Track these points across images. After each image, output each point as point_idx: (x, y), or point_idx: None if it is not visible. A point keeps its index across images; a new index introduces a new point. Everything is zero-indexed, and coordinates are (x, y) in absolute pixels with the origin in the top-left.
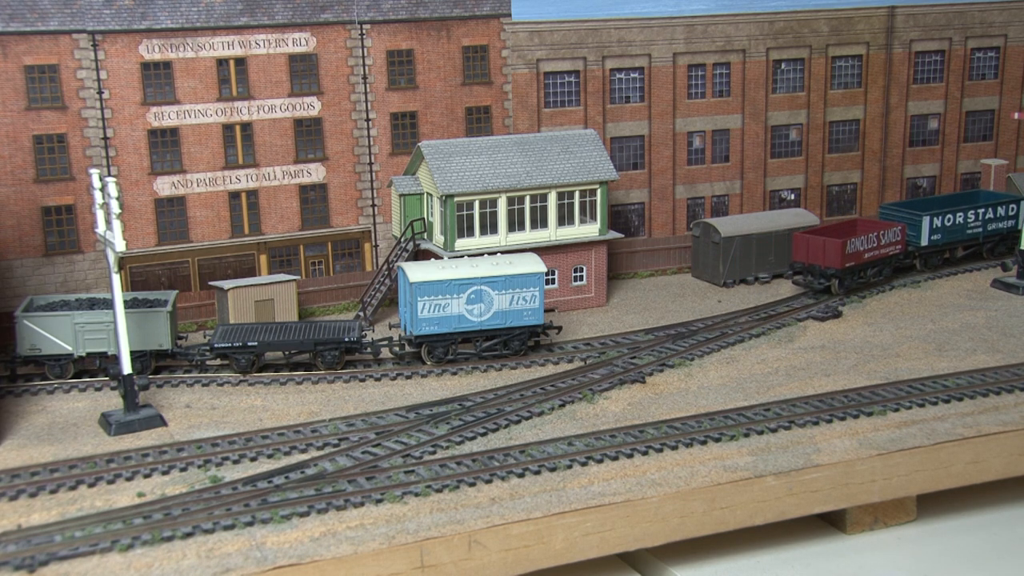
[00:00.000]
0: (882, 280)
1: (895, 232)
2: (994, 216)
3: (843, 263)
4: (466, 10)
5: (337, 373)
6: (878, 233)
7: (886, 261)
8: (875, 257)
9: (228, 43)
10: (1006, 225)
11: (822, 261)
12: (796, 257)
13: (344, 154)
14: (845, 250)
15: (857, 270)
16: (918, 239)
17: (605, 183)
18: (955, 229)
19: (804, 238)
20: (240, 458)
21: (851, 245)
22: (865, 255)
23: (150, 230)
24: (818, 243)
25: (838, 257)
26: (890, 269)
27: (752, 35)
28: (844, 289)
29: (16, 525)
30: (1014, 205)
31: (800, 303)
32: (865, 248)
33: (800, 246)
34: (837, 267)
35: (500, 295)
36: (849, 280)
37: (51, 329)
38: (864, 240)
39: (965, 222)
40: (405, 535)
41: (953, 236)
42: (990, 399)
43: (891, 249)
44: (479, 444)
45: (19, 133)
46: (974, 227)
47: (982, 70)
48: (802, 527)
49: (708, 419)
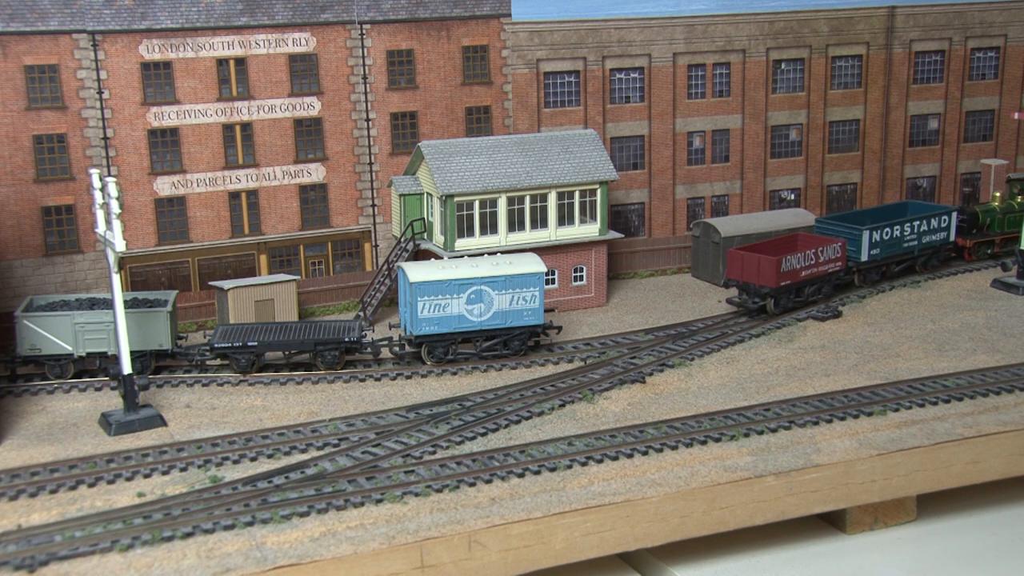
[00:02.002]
0: (821, 299)
1: (835, 248)
2: (928, 228)
3: (778, 281)
4: (466, 10)
5: (337, 373)
6: (816, 250)
7: (825, 279)
8: (813, 275)
9: (228, 43)
10: (939, 238)
11: (756, 279)
12: (731, 274)
13: (344, 154)
14: (780, 268)
15: (793, 288)
16: (858, 254)
17: (605, 183)
18: (892, 243)
19: (739, 255)
20: (240, 458)
21: (786, 263)
22: (802, 273)
23: (150, 230)
24: (752, 260)
25: (772, 275)
26: (830, 287)
27: (752, 35)
28: (780, 309)
29: (16, 525)
30: (946, 217)
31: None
32: (802, 265)
33: (735, 263)
34: (772, 286)
35: (500, 295)
36: (785, 299)
37: (51, 329)
38: (801, 257)
39: (902, 235)
40: (405, 535)
41: (891, 250)
42: (990, 399)
43: (831, 266)
44: (479, 444)
45: (19, 133)
46: (910, 240)
47: (982, 70)
48: (802, 527)
49: (708, 419)
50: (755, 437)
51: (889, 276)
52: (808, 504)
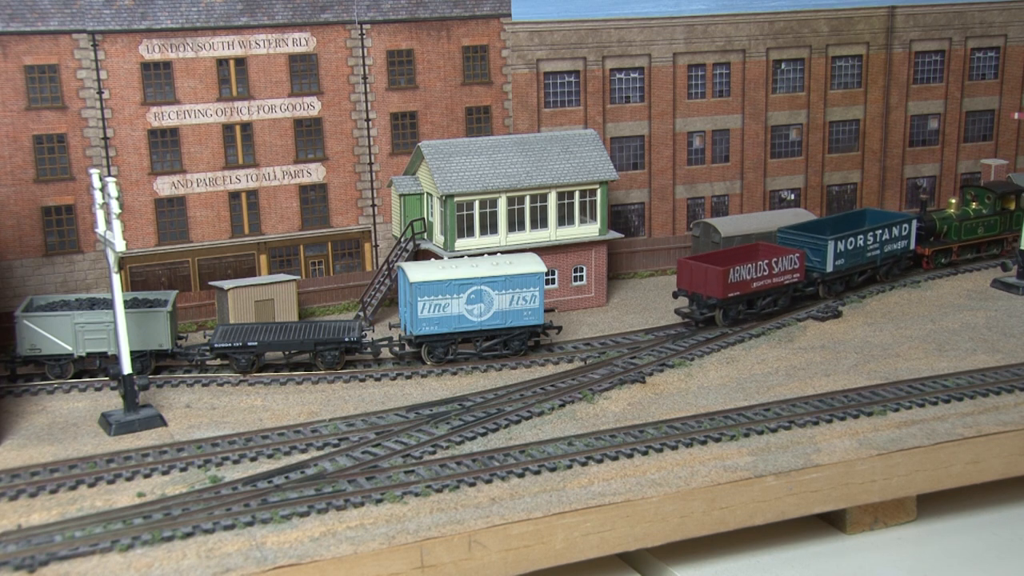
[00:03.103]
0: (778, 311)
1: (792, 259)
2: (890, 237)
3: (725, 293)
4: (466, 10)
5: (337, 373)
6: (769, 260)
7: (781, 290)
8: (767, 286)
9: (228, 43)
10: (900, 246)
11: (704, 289)
12: (680, 284)
13: (344, 154)
14: (727, 279)
15: (744, 300)
16: (823, 265)
17: (605, 183)
18: (856, 252)
19: (688, 264)
20: (240, 458)
21: (735, 273)
22: (753, 284)
23: (150, 230)
24: (700, 270)
25: (719, 286)
26: (787, 299)
27: (752, 35)
28: (728, 321)
29: (16, 525)
30: (906, 225)
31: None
32: (753, 276)
33: (684, 272)
34: (719, 297)
35: (500, 295)
36: (734, 311)
37: (51, 329)
38: (752, 268)
39: (865, 245)
40: (405, 535)
41: (855, 260)
42: (990, 399)
43: (787, 277)
44: (479, 444)
45: (19, 133)
46: (873, 250)
47: (982, 70)
48: (802, 527)
49: (708, 419)
50: (755, 437)
51: (852, 287)
52: (808, 504)
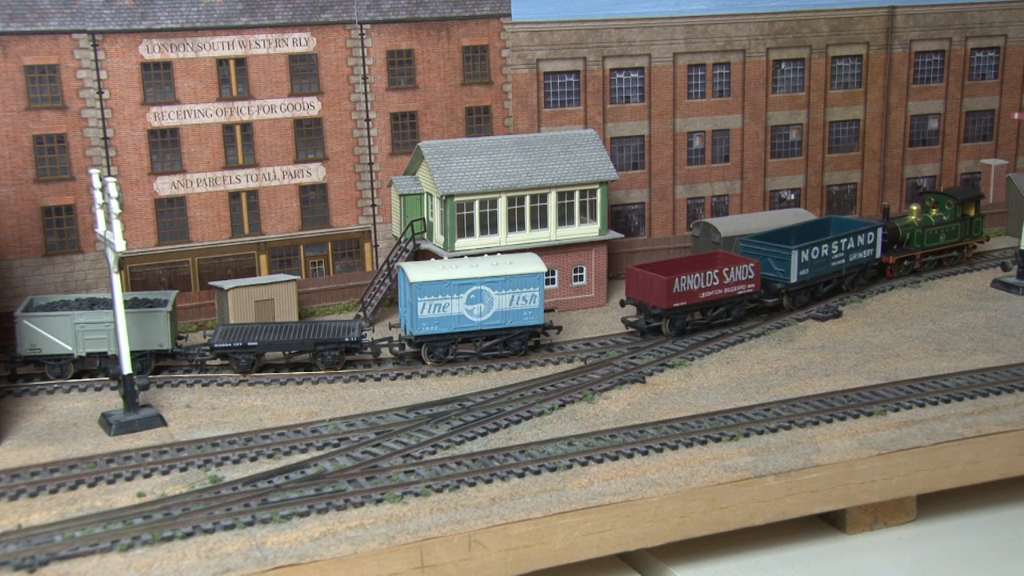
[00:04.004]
0: (731, 322)
1: (746, 269)
2: (855, 246)
3: (670, 302)
4: (466, 10)
5: (337, 373)
6: (720, 270)
7: (734, 301)
8: (717, 296)
9: (228, 43)
10: (866, 255)
11: (650, 299)
12: (628, 292)
13: (344, 154)
14: (672, 288)
15: (691, 310)
16: (787, 275)
17: (605, 183)
18: (821, 262)
19: (635, 272)
20: (240, 458)
21: (681, 283)
22: (701, 294)
23: (150, 230)
24: (647, 279)
25: (664, 296)
26: (741, 309)
27: (752, 35)
28: (675, 331)
29: (16, 525)
30: (872, 233)
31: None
32: (702, 286)
33: (632, 280)
34: (663, 306)
35: (500, 295)
36: (680, 321)
37: (51, 329)
38: (700, 277)
39: (830, 254)
40: (405, 535)
41: (820, 270)
42: (990, 399)
43: (740, 288)
44: (479, 444)
45: (19, 133)
46: (838, 259)
47: (982, 70)
48: (802, 527)
49: (708, 419)
50: (755, 437)
51: (818, 297)
52: (808, 504)
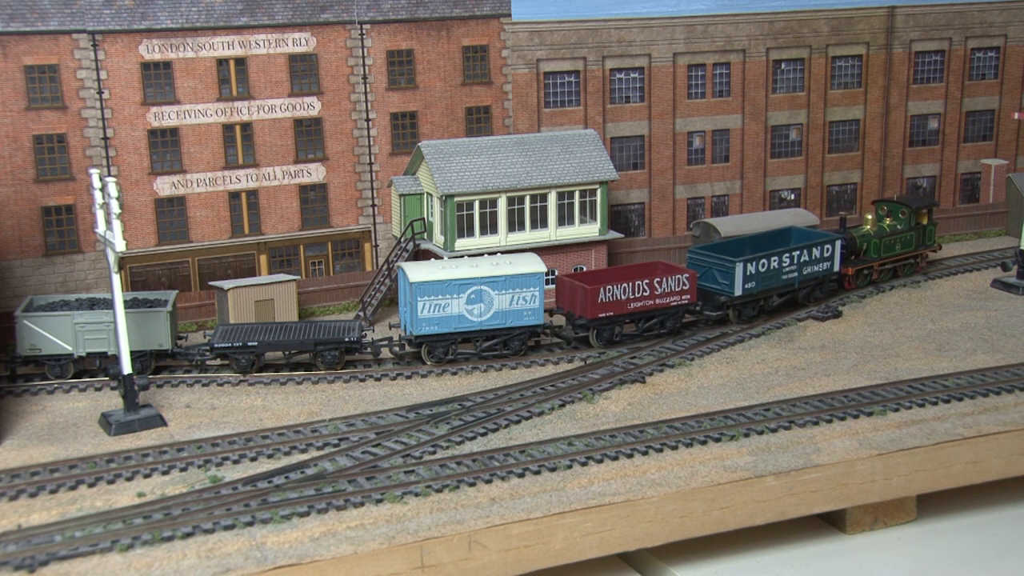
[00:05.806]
0: (666, 334)
1: (681, 280)
2: (810, 259)
3: (595, 312)
4: (466, 10)
5: (337, 373)
6: (651, 280)
7: (668, 312)
8: (648, 307)
9: (228, 43)
10: (822, 268)
11: (576, 309)
12: (558, 302)
13: (344, 154)
14: (598, 298)
15: (620, 321)
16: (731, 288)
17: (605, 183)
18: (770, 275)
19: (564, 281)
20: (240, 458)
21: (607, 292)
22: (630, 305)
23: (150, 230)
24: (572, 288)
25: (589, 306)
26: (676, 321)
27: (752, 35)
28: (603, 342)
29: (16, 525)
30: (829, 246)
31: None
32: (630, 296)
33: (560, 290)
34: (589, 317)
35: (500, 295)
36: (608, 332)
37: (51, 329)
38: (628, 287)
39: (780, 267)
40: (405, 535)
41: (768, 283)
42: (990, 399)
43: (675, 299)
44: (479, 444)
45: (19, 133)
46: (789, 272)
47: (982, 70)
48: (802, 527)
49: (708, 419)
50: (755, 437)
51: (768, 311)
52: (808, 504)
